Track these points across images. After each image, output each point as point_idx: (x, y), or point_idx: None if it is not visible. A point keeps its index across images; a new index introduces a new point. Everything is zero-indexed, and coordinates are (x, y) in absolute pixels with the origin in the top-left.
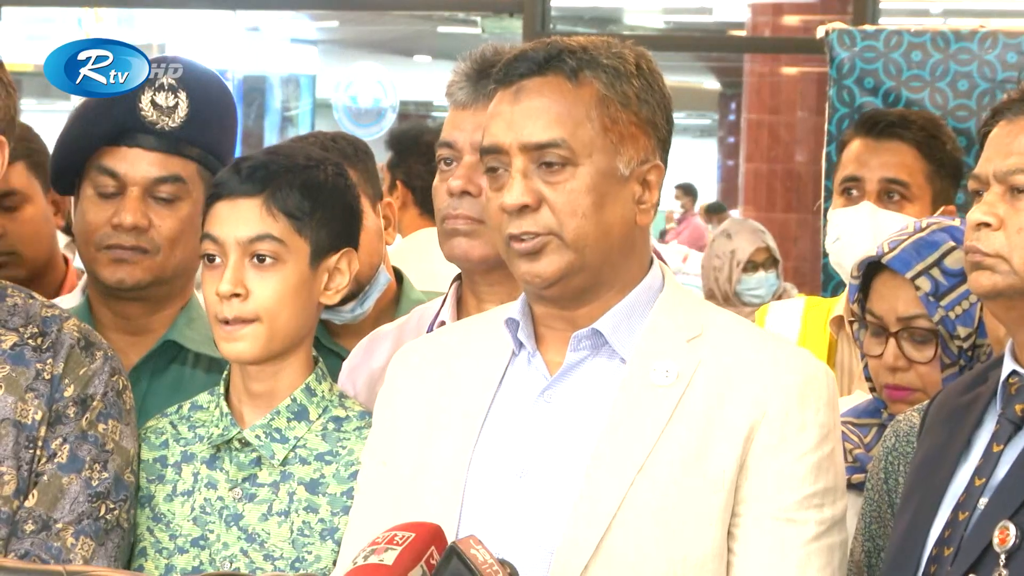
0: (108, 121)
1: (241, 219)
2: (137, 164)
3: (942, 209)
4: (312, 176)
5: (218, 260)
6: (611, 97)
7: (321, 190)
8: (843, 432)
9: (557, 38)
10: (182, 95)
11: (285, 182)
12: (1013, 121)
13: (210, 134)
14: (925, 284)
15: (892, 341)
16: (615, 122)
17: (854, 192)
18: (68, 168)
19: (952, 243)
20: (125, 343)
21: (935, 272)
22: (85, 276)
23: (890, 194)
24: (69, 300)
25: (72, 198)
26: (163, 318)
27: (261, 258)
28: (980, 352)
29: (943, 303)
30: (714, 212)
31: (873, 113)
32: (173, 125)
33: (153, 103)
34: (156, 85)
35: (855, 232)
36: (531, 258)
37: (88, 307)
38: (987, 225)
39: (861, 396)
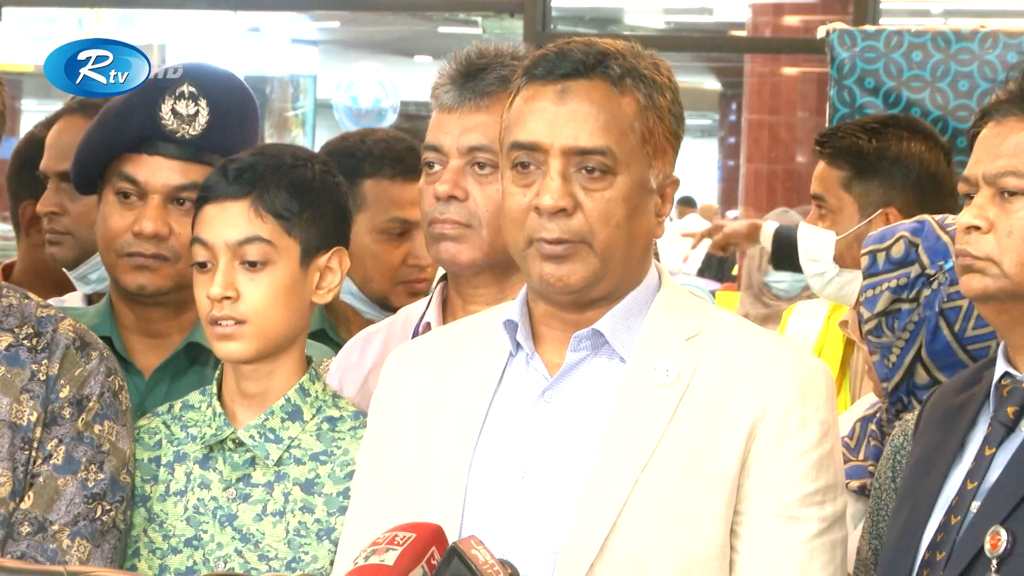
0: (129, 129)
1: (229, 222)
2: (157, 172)
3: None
4: (299, 175)
5: (209, 266)
6: (650, 108)
7: (309, 189)
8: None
9: (593, 39)
10: (202, 103)
11: (272, 183)
12: (1001, 123)
13: (231, 140)
14: None
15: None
16: (652, 134)
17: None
18: (90, 171)
19: None
20: (147, 345)
21: None
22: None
23: (820, 208)
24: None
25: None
26: (185, 321)
27: (252, 262)
28: None
29: None
30: (684, 204)
31: None
32: (194, 133)
33: (173, 111)
34: (176, 93)
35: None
36: (557, 262)
37: (111, 309)
38: (977, 228)
39: (867, 402)
